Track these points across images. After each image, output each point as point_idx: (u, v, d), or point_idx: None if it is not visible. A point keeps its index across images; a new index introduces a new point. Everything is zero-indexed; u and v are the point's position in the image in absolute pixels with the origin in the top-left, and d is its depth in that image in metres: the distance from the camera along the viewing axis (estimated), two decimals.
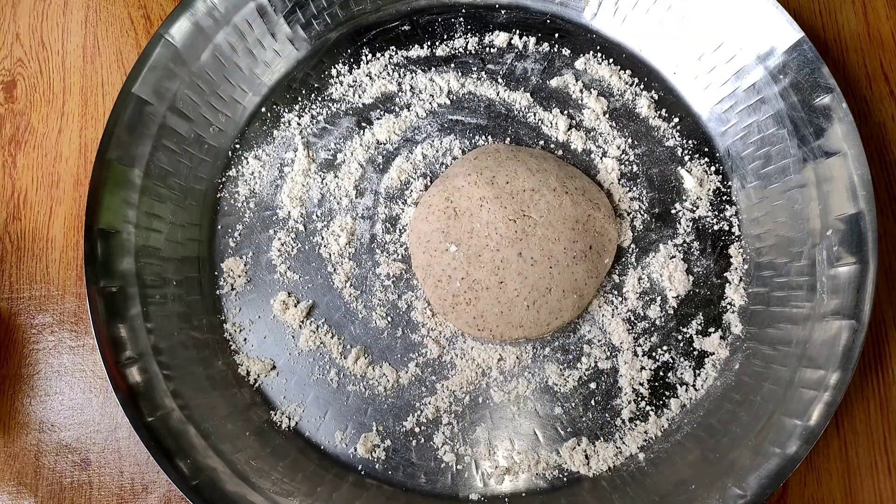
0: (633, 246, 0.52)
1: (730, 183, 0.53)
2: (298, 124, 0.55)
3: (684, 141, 0.54)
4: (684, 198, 0.53)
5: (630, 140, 0.54)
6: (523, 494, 0.47)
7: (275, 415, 0.49)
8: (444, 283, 0.48)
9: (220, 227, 0.53)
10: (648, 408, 0.49)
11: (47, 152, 0.55)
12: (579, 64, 0.56)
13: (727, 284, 0.51)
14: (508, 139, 0.54)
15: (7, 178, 0.55)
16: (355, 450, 0.48)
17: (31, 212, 0.54)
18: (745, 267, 0.52)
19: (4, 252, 0.53)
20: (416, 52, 0.56)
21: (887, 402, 0.51)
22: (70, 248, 0.53)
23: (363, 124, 0.55)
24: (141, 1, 0.58)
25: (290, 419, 0.49)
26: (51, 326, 0.52)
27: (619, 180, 0.53)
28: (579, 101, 0.55)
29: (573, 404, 0.49)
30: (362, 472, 0.48)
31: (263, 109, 0.55)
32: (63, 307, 0.52)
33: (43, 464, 0.49)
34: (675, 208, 0.53)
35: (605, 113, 0.55)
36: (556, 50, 0.56)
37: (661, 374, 0.49)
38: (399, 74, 0.56)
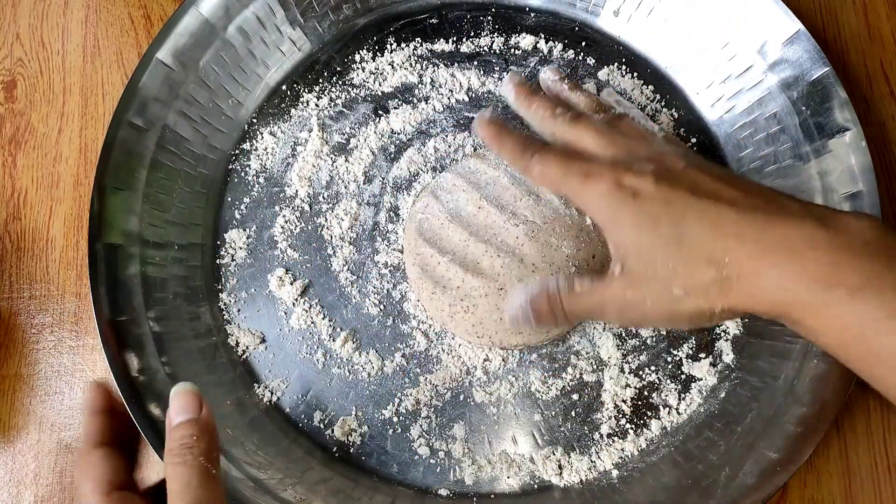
0: None
1: None
2: (316, 105, 0.55)
3: None
4: None
5: None
6: (492, 496, 0.47)
7: (258, 388, 0.50)
8: (439, 293, 0.48)
9: (228, 198, 0.53)
10: (628, 425, 0.48)
11: (47, 152, 0.56)
12: (603, 74, 0.56)
13: None
14: None
15: (7, 178, 0.56)
16: (332, 432, 0.49)
17: (31, 212, 0.55)
18: None
19: (4, 252, 0.54)
20: (441, 46, 0.57)
21: (887, 402, 0.50)
22: (70, 247, 0.54)
23: (380, 112, 0.55)
24: (141, 1, 0.59)
25: (272, 394, 0.49)
26: (51, 326, 0.53)
27: None
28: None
29: (553, 413, 0.49)
30: (336, 454, 0.48)
31: (284, 87, 0.56)
32: (63, 307, 0.53)
33: (43, 464, 0.50)
34: None
35: None
36: (580, 58, 0.56)
37: (646, 393, 0.49)
38: (421, 66, 0.56)
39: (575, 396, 0.49)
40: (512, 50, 0.56)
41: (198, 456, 0.33)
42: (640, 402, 0.49)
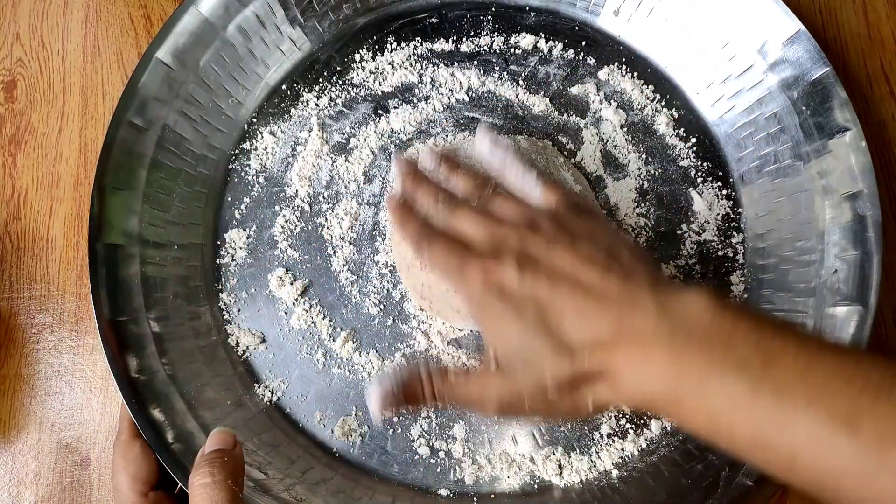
0: None
1: (740, 210, 0.53)
2: (316, 105, 0.55)
3: (699, 163, 0.54)
4: (692, 220, 0.53)
5: (644, 156, 0.54)
6: (492, 496, 0.47)
7: (258, 388, 0.50)
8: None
9: (228, 198, 0.53)
10: (629, 426, 0.48)
11: (47, 152, 0.56)
12: (603, 74, 0.56)
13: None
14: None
15: (7, 178, 0.56)
16: (332, 432, 0.49)
17: (31, 212, 0.55)
18: (745, 296, 0.51)
19: (4, 252, 0.54)
20: (441, 45, 0.56)
21: None
22: (70, 247, 0.54)
23: (380, 112, 0.55)
24: (141, 1, 0.59)
25: (272, 394, 0.49)
26: (51, 326, 0.53)
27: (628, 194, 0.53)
28: (598, 112, 0.55)
29: None
30: (336, 455, 0.48)
31: (284, 87, 0.56)
32: (63, 307, 0.53)
33: (43, 464, 0.50)
34: (682, 229, 0.53)
35: (622, 126, 0.55)
36: (580, 58, 0.56)
37: None
38: (421, 66, 0.56)
39: None
40: (512, 49, 0.56)
41: (225, 477, 0.35)
42: None
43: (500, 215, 0.42)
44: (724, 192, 0.53)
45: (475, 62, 0.56)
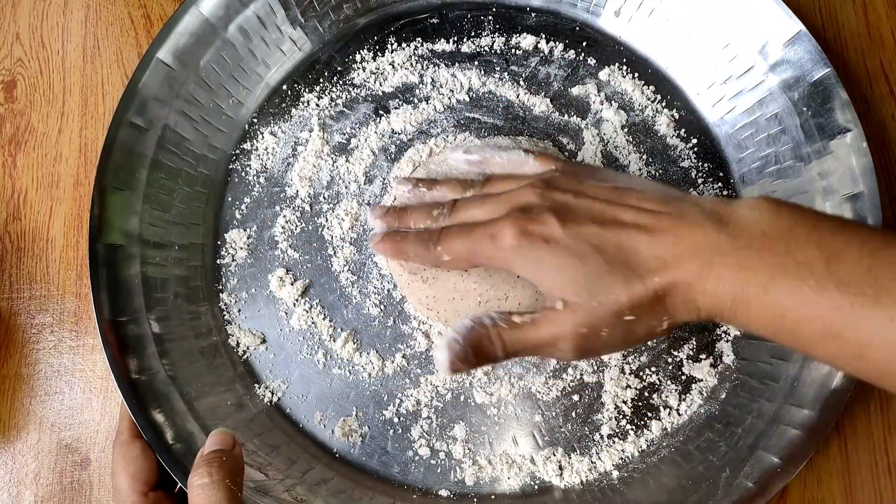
0: None
1: None
2: (317, 105, 0.55)
3: (700, 163, 0.54)
4: None
5: (645, 157, 0.54)
6: (492, 497, 0.47)
7: (258, 388, 0.50)
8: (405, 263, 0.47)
9: (228, 198, 0.53)
10: (629, 426, 0.48)
11: (47, 152, 0.56)
12: (603, 75, 0.56)
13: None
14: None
15: (7, 178, 0.55)
16: (332, 432, 0.49)
17: (31, 212, 0.55)
18: None
19: (4, 252, 0.54)
20: (442, 46, 0.56)
21: (887, 402, 0.50)
22: (70, 247, 0.54)
23: (380, 112, 0.55)
24: (141, 1, 0.59)
25: (272, 394, 0.49)
26: (51, 326, 0.53)
27: None
28: (598, 113, 0.55)
29: (553, 414, 0.49)
30: (337, 455, 0.48)
31: (284, 87, 0.55)
32: (63, 307, 0.53)
33: (43, 464, 0.50)
34: None
35: (623, 127, 0.54)
36: (581, 58, 0.56)
37: (646, 394, 0.49)
38: (422, 66, 0.56)
39: (575, 397, 0.49)
40: (513, 50, 0.56)
41: (224, 476, 0.35)
42: (640, 403, 0.49)
43: (505, 191, 0.41)
44: (725, 193, 0.53)
45: (476, 63, 0.56)
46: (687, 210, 0.36)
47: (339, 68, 0.56)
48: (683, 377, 0.49)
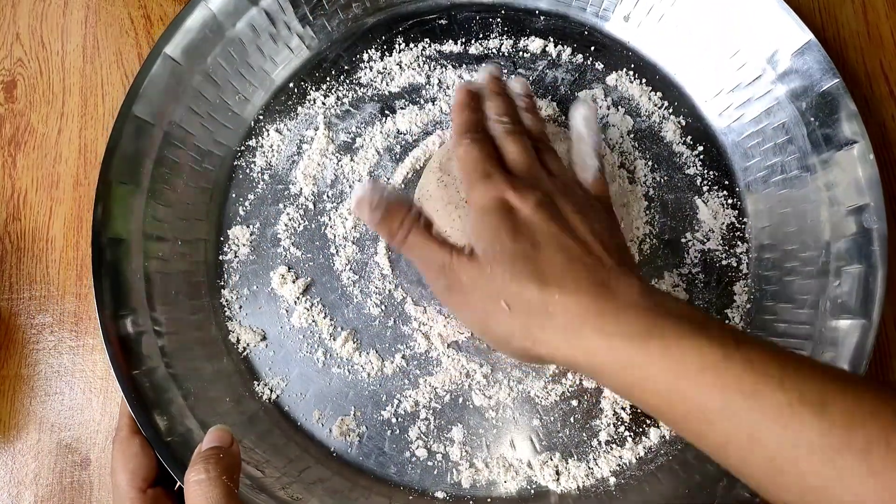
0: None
1: (745, 220, 0.52)
2: (323, 104, 0.55)
3: (705, 171, 0.54)
4: (696, 228, 0.52)
5: (651, 163, 0.54)
6: (489, 500, 0.47)
7: (257, 385, 0.50)
8: None
9: (232, 194, 0.53)
10: (627, 433, 0.48)
11: (47, 152, 0.56)
12: (611, 80, 0.56)
13: (726, 322, 0.51)
14: None
15: (7, 178, 0.56)
16: (330, 431, 0.49)
17: (31, 212, 0.55)
18: (748, 307, 0.51)
19: (4, 252, 0.54)
20: (450, 47, 0.56)
21: None
22: (70, 247, 0.54)
23: (386, 112, 0.55)
24: (141, 1, 0.59)
25: (271, 391, 0.50)
26: (51, 326, 0.53)
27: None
28: (605, 118, 0.55)
29: (552, 418, 0.49)
30: (334, 454, 0.48)
31: (291, 85, 0.55)
32: (63, 307, 0.53)
33: (43, 464, 0.50)
34: (686, 237, 0.52)
35: (629, 132, 0.54)
36: (589, 63, 0.56)
37: None
38: (429, 67, 0.56)
39: (574, 402, 0.49)
40: (520, 53, 0.56)
41: (220, 473, 0.35)
42: (639, 410, 0.49)
43: (546, 164, 0.44)
44: (730, 201, 0.53)
45: (483, 64, 0.56)
46: (632, 274, 0.38)
47: (346, 67, 0.56)
48: None
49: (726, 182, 0.53)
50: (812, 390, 0.31)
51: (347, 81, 0.56)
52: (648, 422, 0.48)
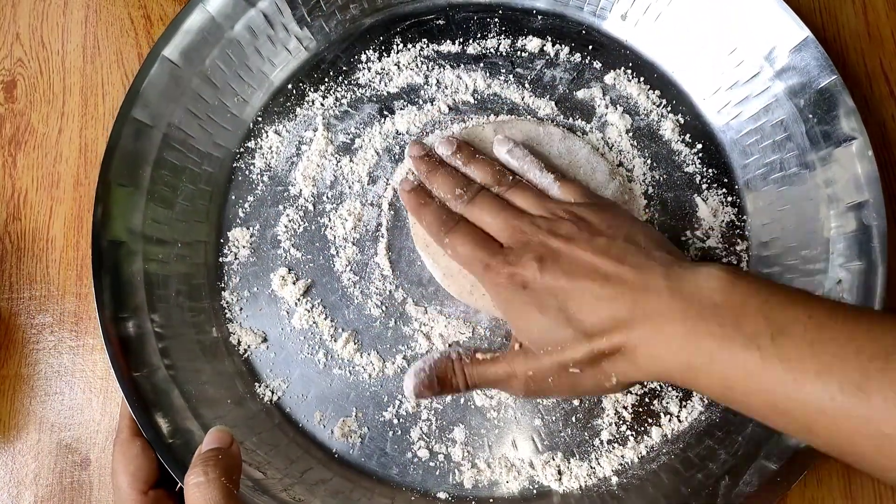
0: None
1: (745, 217, 0.53)
2: (322, 105, 0.55)
3: (704, 169, 0.54)
4: (696, 226, 0.52)
5: (649, 161, 0.54)
6: (491, 500, 0.47)
7: (258, 387, 0.50)
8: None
9: (232, 196, 0.53)
10: (629, 432, 0.48)
11: (47, 152, 0.56)
12: (609, 79, 0.56)
13: None
14: None
15: (7, 178, 0.55)
16: (332, 432, 0.49)
17: (31, 212, 0.55)
18: None
19: (4, 252, 0.54)
20: (448, 47, 0.56)
21: None
22: (70, 247, 0.54)
23: (385, 112, 0.55)
24: (141, 1, 0.59)
25: (273, 393, 0.49)
26: (51, 326, 0.53)
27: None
28: (603, 116, 0.55)
29: (553, 418, 0.49)
30: (335, 455, 0.48)
31: (289, 86, 0.55)
32: (63, 307, 0.53)
33: (43, 464, 0.50)
34: (686, 235, 0.52)
35: (627, 131, 0.54)
36: (587, 62, 0.56)
37: (647, 400, 0.49)
38: (427, 67, 0.56)
39: (576, 402, 0.49)
40: (518, 52, 0.56)
41: (220, 474, 0.35)
42: (641, 409, 0.49)
43: (520, 206, 0.45)
44: (729, 198, 0.53)
45: (481, 64, 0.56)
46: (653, 275, 0.38)
47: (344, 68, 0.56)
48: None
49: (725, 180, 0.53)
50: (851, 378, 0.31)
51: (346, 82, 0.56)
52: (650, 421, 0.48)
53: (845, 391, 0.31)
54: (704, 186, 0.53)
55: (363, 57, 0.56)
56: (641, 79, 0.56)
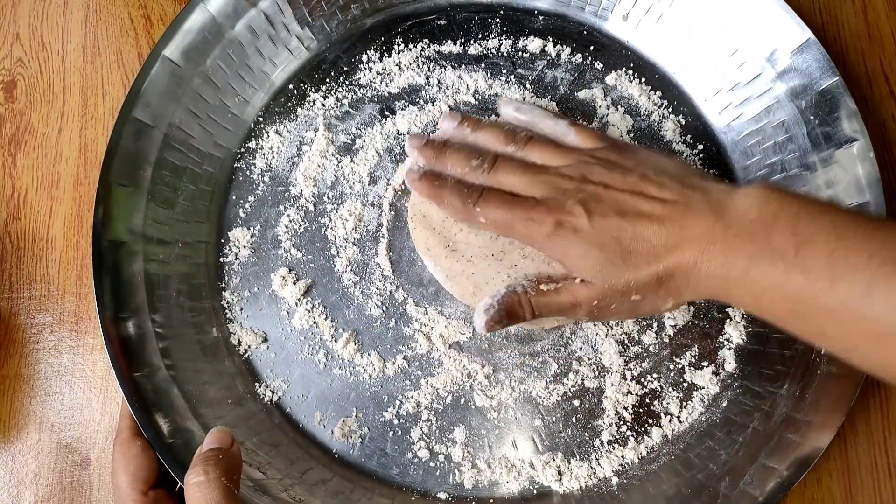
0: None
1: None
2: (323, 105, 0.55)
3: (705, 170, 0.54)
4: None
5: None
6: (491, 500, 0.47)
7: (259, 387, 0.50)
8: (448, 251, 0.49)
9: (232, 196, 0.53)
10: (629, 433, 0.48)
11: (47, 152, 0.56)
12: (610, 79, 0.56)
13: (728, 320, 0.51)
14: None
15: (7, 178, 0.55)
16: (332, 433, 0.49)
17: (31, 212, 0.55)
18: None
19: (4, 252, 0.54)
20: (449, 47, 0.56)
21: (887, 402, 0.51)
22: (70, 247, 0.54)
23: (386, 113, 0.55)
24: (141, 1, 0.59)
25: (273, 393, 0.49)
26: (51, 326, 0.53)
27: None
28: (605, 117, 0.55)
29: (554, 418, 0.49)
30: (336, 456, 0.48)
31: (290, 86, 0.55)
32: (63, 307, 0.53)
33: (43, 464, 0.50)
34: None
35: (628, 132, 0.54)
36: (588, 62, 0.56)
37: (647, 401, 0.49)
38: (428, 68, 0.56)
39: (576, 402, 0.49)
40: (520, 53, 0.56)
41: (220, 474, 0.35)
42: (641, 410, 0.49)
43: (541, 161, 0.46)
44: None
45: (482, 65, 0.56)
46: (695, 200, 0.41)
47: (345, 68, 0.56)
48: (685, 384, 0.49)
49: (726, 181, 0.53)
50: (860, 286, 0.34)
51: (347, 83, 0.56)
52: (651, 421, 0.48)
53: (854, 297, 0.34)
54: None
55: (364, 57, 0.56)
56: (643, 80, 0.56)
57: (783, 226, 0.37)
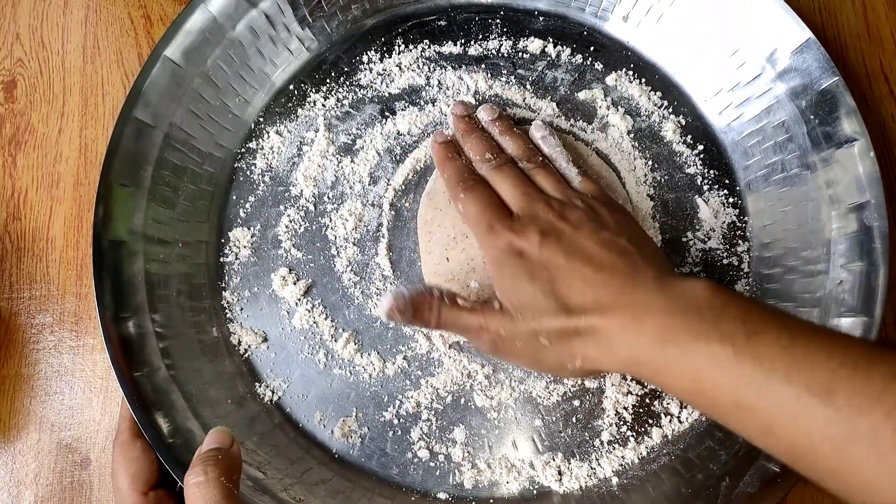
0: None
1: (746, 218, 0.52)
2: (323, 105, 0.55)
3: (705, 170, 0.54)
4: (697, 227, 0.52)
5: (651, 162, 0.54)
6: (491, 501, 0.47)
7: (259, 387, 0.50)
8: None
9: (233, 196, 0.53)
10: (629, 433, 0.48)
11: (47, 152, 0.56)
12: (610, 80, 0.56)
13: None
14: None
15: (7, 178, 0.56)
16: (332, 432, 0.49)
17: (31, 212, 0.55)
18: None
19: (4, 252, 0.54)
20: (449, 48, 0.56)
21: None
22: (70, 247, 0.54)
23: (386, 113, 0.55)
24: (141, 1, 0.59)
25: (273, 393, 0.49)
26: (51, 326, 0.53)
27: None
28: (605, 118, 0.55)
29: (554, 418, 0.49)
30: (336, 456, 0.48)
31: (291, 86, 0.55)
32: (63, 307, 0.53)
33: (43, 464, 0.50)
34: (687, 237, 0.52)
35: (629, 132, 0.54)
36: (588, 63, 0.56)
37: (648, 401, 0.49)
38: (429, 68, 0.56)
39: (576, 402, 0.49)
40: (520, 53, 0.56)
41: (219, 474, 0.35)
42: (641, 410, 0.49)
43: (540, 185, 0.46)
44: (731, 200, 0.53)
45: (483, 65, 0.56)
46: (647, 273, 0.40)
47: (345, 69, 0.56)
48: None
49: (727, 181, 0.53)
50: (819, 380, 0.32)
51: (347, 83, 0.56)
52: (651, 421, 0.48)
53: (812, 391, 0.32)
54: (706, 188, 0.53)
55: (364, 58, 0.56)
56: (643, 80, 0.56)
57: (733, 314, 0.36)
